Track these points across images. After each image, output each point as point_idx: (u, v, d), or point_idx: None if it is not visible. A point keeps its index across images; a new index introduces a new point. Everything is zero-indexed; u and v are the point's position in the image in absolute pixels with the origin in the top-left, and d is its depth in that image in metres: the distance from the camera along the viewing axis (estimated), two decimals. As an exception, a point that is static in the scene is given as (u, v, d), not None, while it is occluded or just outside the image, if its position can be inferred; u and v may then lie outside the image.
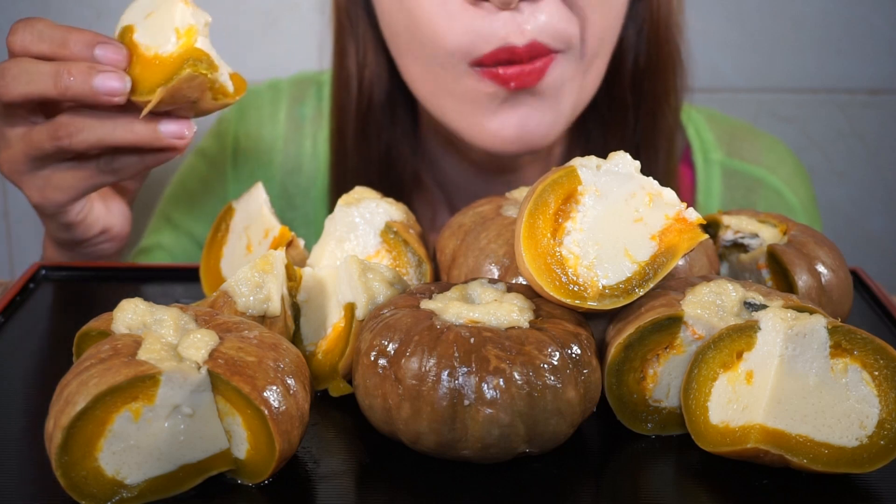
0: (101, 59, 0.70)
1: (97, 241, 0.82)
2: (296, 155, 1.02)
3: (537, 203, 0.57)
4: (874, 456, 0.53)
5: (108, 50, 0.70)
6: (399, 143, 0.95)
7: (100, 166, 0.74)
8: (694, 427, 0.56)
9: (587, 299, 0.57)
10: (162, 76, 0.70)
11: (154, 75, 0.70)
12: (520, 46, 0.79)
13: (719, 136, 1.04)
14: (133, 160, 0.74)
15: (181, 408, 0.51)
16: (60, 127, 0.72)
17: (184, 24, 0.70)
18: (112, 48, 0.70)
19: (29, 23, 0.72)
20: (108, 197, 0.82)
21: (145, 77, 0.71)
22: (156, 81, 0.70)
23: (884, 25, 1.53)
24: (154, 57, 0.71)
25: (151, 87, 0.70)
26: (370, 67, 0.91)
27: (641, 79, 0.93)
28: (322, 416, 0.60)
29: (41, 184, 0.75)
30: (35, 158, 0.74)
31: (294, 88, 1.05)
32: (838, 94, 1.56)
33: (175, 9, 0.71)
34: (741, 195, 1.02)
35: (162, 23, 0.71)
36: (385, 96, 0.92)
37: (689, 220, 0.58)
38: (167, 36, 0.71)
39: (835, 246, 0.68)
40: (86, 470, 0.50)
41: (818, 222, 1.06)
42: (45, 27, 0.72)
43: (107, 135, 0.72)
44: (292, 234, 0.72)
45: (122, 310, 0.56)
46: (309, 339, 0.64)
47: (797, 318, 0.54)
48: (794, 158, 1.07)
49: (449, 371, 0.52)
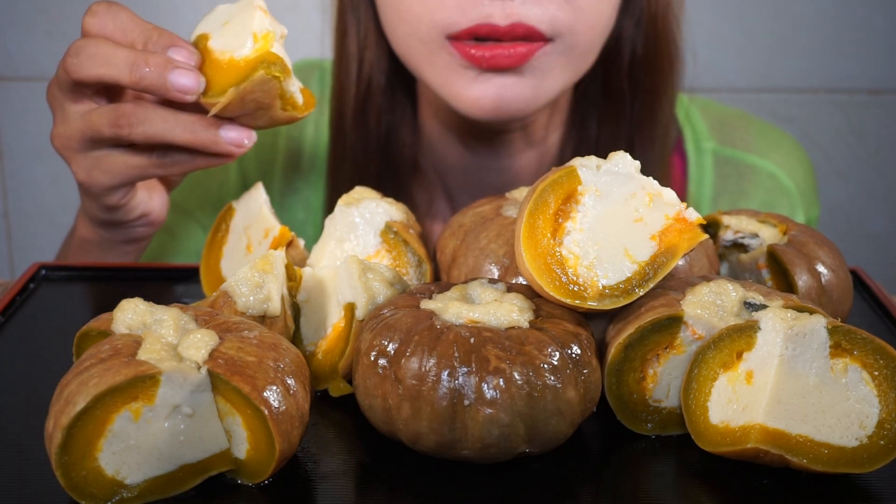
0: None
1: (134, 225, 0.82)
2: (297, 138, 1.02)
3: (537, 203, 0.57)
4: (874, 456, 0.53)
5: (180, 53, 0.71)
6: (398, 126, 0.96)
7: (151, 159, 0.75)
8: (694, 427, 0.56)
9: (587, 299, 0.57)
10: (235, 78, 0.70)
11: (227, 77, 0.70)
12: (501, 25, 0.79)
13: (712, 124, 1.04)
14: (185, 159, 0.74)
15: (181, 408, 0.51)
16: (123, 115, 0.72)
17: (261, 30, 0.71)
18: (185, 51, 0.71)
19: (112, 9, 0.73)
20: (151, 185, 0.82)
21: (217, 79, 0.71)
22: (228, 83, 0.70)
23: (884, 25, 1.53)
24: (228, 60, 0.71)
25: (223, 88, 0.70)
26: (370, 50, 0.92)
27: (638, 70, 0.93)
28: (322, 416, 0.60)
29: (90, 164, 0.75)
30: (90, 139, 0.74)
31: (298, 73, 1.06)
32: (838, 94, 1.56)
33: (254, 15, 0.71)
34: (734, 183, 1.02)
35: (239, 28, 0.72)
36: (385, 80, 0.93)
37: (689, 220, 0.58)
38: (243, 40, 0.71)
39: (835, 246, 0.68)
40: (86, 470, 0.50)
41: (817, 206, 1.06)
42: (129, 19, 0.73)
43: (167, 131, 0.72)
44: (292, 234, 0.72)
45: (122, 310, 0.56)
46: (309, 339, 0.64)
47: (797, 318, 0.54)
48: (790, 141, 1.06)
49: (449, 371, 0.52)
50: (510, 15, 0.79)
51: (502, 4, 0.79)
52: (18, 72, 1.50)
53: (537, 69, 0.82)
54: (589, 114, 0.96)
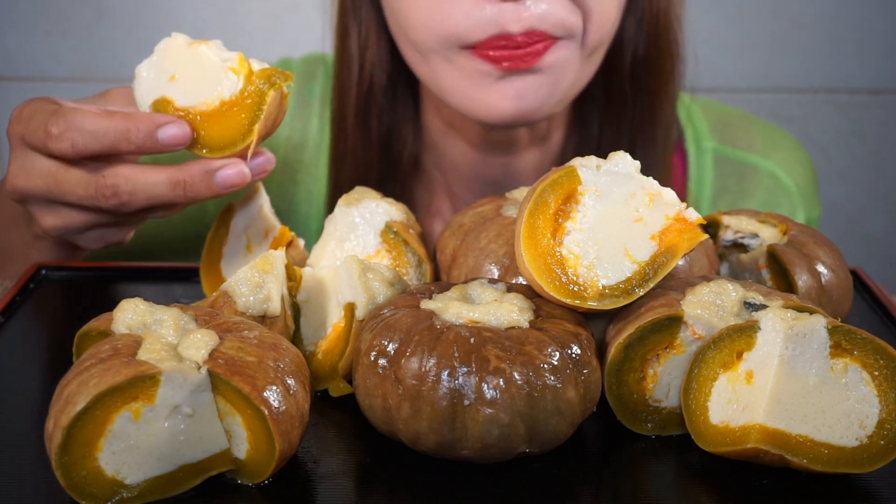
0: (168, 142, 0.67)
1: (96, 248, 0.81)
2: (302, 130, 1.03)
3: (537, 203, 0.57)
4: (874, 456, 0.53)
5: (169, 130, 0.67)
6: (399, 125, 0.96)
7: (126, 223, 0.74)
8: (694, 427, 0.56)
9: (587, 299, 0.57)
10: (248, 115, 0.67)
11: (236, 119, 0.67)
12: (516, 34, 0.79)
13: (712, 124, 1.04)
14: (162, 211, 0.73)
15: (181, 408, 0.51)
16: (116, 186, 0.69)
17: (228, 58, 0.67)
18: (174, 125, 0.67)
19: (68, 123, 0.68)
20: None
21: (226, 127, 0.67)
22: (242, 124, 0.67)
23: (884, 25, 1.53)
24: (221, 105, 0.67)
25: (239, 132, 0.67)
26: (371, 49, 0.92)
27: (640, 70, 0.94)
28: (322, 416, 0.60)
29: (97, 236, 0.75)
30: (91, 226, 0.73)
31: (304, 66, 1.07)
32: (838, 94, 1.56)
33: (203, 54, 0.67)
34: (734, 182, 1.02)
35: (198, 74, 0.67)
36: (386, 79, 0.93)
37: (689, 220, 0.58)
38: (218, 79, 0.67)
39: (835, 246, 0.68)
40: (86, 470, 0.50)
41: (817, 205, 1.06)
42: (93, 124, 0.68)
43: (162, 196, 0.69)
44: (292, 234, 0.72)
45: (122, 310, 0.56)
46: (309, 339, 0.64)
47: (797, 318, 0.54)
48: (791, 141, 1.06)
49: (449, 371, 0.52)
50: (523, 20, 0.79)
51: (514, 9, 0.79)
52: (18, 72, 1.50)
53: (554, 66, 0.83)
54: (591, 113, 0.96)
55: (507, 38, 0.80)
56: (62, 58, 1.49)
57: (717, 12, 1.48)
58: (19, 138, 0.71)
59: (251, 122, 0.66)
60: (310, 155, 1.02)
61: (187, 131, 0.67)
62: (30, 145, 0.71)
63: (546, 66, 0.82)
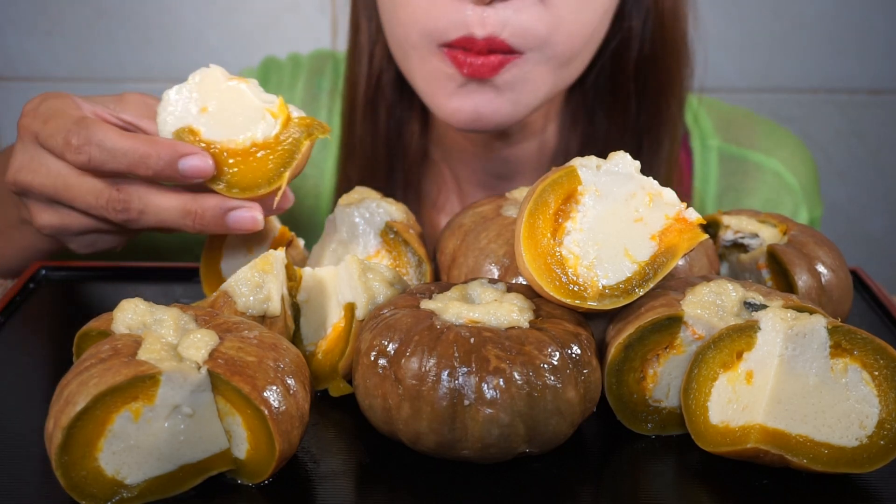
0: (188, 173, 0.66)
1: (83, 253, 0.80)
2: None
3: (537, 203, 0.57)
4: (874, 456, 0.53)
5: (191, 161, 0.65)
6: (408, 118, 0.97)
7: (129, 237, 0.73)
8: (694, 427, 0.56)
9: (587, 299, 0.57)
10: (279, 161, 0.65)
11: (264, 163, 0.66)
12: (479, 39, 0.79)
13: (717, 122, 1.04)
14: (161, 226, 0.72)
15: (181, 408, 0.51)
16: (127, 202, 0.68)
17: (269, 102, 0.66)
18: (196, 156, 0.66)
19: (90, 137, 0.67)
20: None
21: (253, 169, 0.66)
22: (271, 169, 0.65)
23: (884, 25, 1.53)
24: (252, 146, 0.66)
25: (265, 177, 0.66)
26: (381, 44, 0.93)
27: (645, 69, 0.93)
28: (322, 416, 0.60)
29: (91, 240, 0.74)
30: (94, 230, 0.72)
31: (313, 62, 1.08)
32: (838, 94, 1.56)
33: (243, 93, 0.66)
34: (738, 180, 1.02)
35: (233, 110, 0.66)
36: (395, 73, 0.94)
37: (689, 220, 0.58)
38: (254, 120, 0.66)
39: (835, 246, 0.68)
40: (86, 470, 0.50)
41: (819, 204, 1.07)
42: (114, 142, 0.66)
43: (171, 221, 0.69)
44: (292, 235, 0.72)
45: (122, 310, 0.56)
46: (309, 339, 0.64)
47: (797, 318, 0.54)
48: (794, 140, 1.07)
49: (449, 371, 0.52)
50: (486, 26, 0.79)
51: (481, 14, 0.79)
52: (18, 72, 1.50)
53: (514, 83, 0.83)
54: (596, 111, 0.96)
55: (470, 41, 0.80)
56: (62, 58, 1.49)
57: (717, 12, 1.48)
58: (32, 134, 0.70)
59: (282, 167, 0.65)
60: (316, 149, 1.02)
61: (209, 165, 0.65)
62: (43, 145, 0.69)
63: (504, 83, 0.82)
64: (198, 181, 0.66)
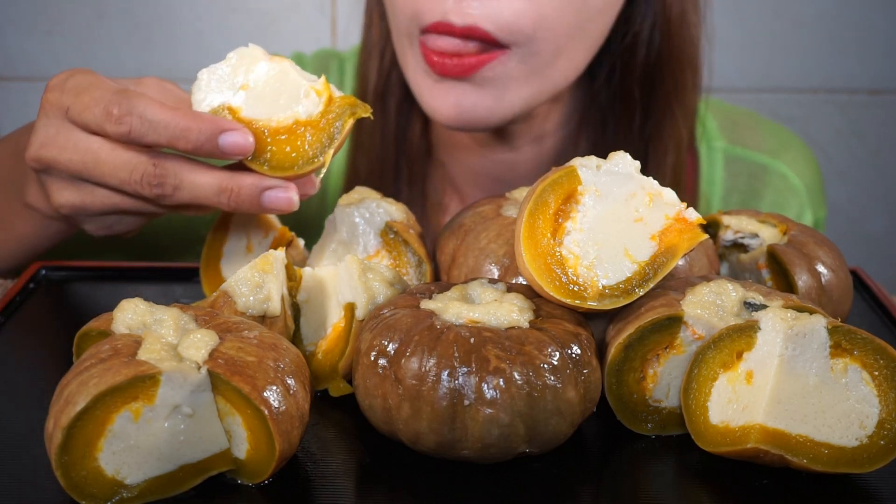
0: (228, 149, 0.64)
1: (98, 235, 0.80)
2: None
3: (537, 203, 0.57)
4: (874, 456, 0.53)
5: (232, 137, 0.64)
6: (415, 117, 0.97)
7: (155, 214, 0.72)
8: (694, 427, 0.56)
9: (587, 299, 0.57)
10: (320, 139, 0.64)
11: (305, 141, 0.65)
12: (457, 26, 0.79)
13: (722, 124, 1.04)
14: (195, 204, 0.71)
15: (181, 408, 0.51)
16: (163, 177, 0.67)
17: (311, 79, 0.66)
18: (237, 132, 0.64)
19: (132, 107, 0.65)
20: None
21: (294, 147, 0.65)
22: (312, 148, 0.64)
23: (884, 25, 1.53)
24: (295, 124, 0.65)
25: (306, 155, 0.65)
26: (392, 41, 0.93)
27: (652, 75, 0.93)
28: (322, 416, 0.60)
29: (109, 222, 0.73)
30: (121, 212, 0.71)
31: (317, 61, 1.08)
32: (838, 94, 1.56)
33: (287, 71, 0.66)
34: (744, 182, 1.02)
35: (276, 89, 0.66)
36: None
37: (689, 220, 0.58)
38: (298, 98, 0.65)
39: (835, 246, 0.68)
40: (86, 470, 0.50)
41: (823, 206, 1.06)
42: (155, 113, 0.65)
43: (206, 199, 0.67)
44: (292, 235, 0.72)
45: (122, 310, 0.56)
46: (309, 339, 0.64)
47: (797, 318, 0.54)
48: (798, 142, 1.06)
49: (449, 371, 0.52)
50: (466, 15, 0.79)
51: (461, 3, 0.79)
52: (18, 72, 1.50)
53: (495, 80, 0.82)
54: (602, 117, 0.95)
55: (448, 27, 0.79)
56: (62, 58, 1.49)
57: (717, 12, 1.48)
58: (61, 109, 0.68)
59: (324, 146, 0.65)
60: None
61: (250, 142, 0.64)
62: (75, 119, 0.67)
63: (484, 79, 0.82)
64: (237, 158, 0.65)
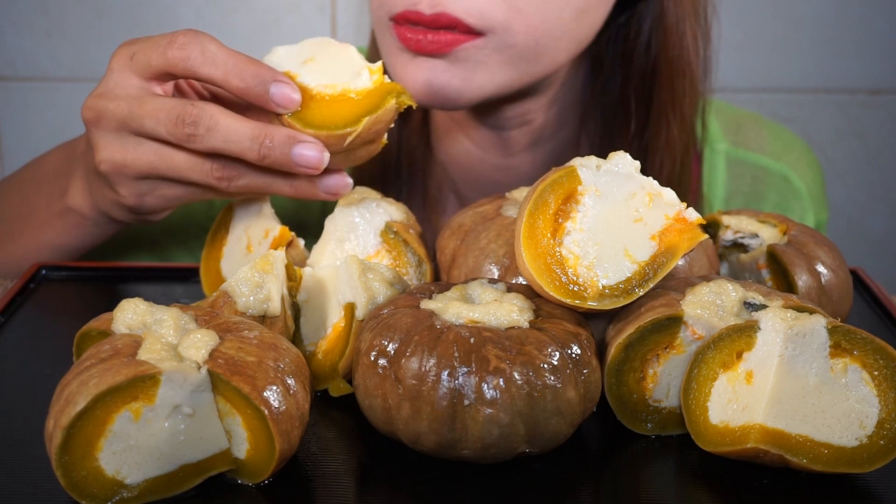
0: (275, 98, 0.67)
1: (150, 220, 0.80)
2: None
3: (537, 203, 0.57)
4: (874, 456, 0.53)
5: (283, 88, 0.67)
6: (414, 114, 0.97)
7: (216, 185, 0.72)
8: (694, 427, 0.56)
9: (587, 299, 0.57)
10: (359, 109, 0.67)
11: (346, 109, 0.67)
12: (426, 14, 0.79)
13: (725, 125, 1.03)
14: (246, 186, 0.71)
15: (181, 408, 0.51)
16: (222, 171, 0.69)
17: (370, 63, 0.69)
18: (288, 86, 0.67)
19: (197, 39, 0.68)
20: None
21: (335, 112, 0.68)
22: (352, 114, 0.67)
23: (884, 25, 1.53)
24: (343, 94, 0.68)
25: (344, 119, 0.67)
26: None
27: (649, 85, 0.92)
28: (322, 416, 0.60)
29: (144, 189, 0.73)
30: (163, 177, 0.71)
31: None
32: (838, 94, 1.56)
33: (350, 51, 0.69)
34: (746, 184, 1.02)
35: (335, 64, 0.69)
36: None
37: (689, 220, 0.58)
38: (352, 73, 0.68)
39: (835, 246, 0.68)
40: (86, 470, 0.50)
41: (825, 208, 1.06)
42: (217, 49, 0.68)
43: (266, 184, 0.70)
44: (292, 234, 0.72)
45: (122, 310, 0.56)
46: (309, 339, 0.64)
47: (797, 318, 0.54)
48: (801, 144, 1.06)
49: (449, 371, 0.52)
50: (435, 5, 0.79)
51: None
52: (18, 72, 1.50)
53: (467, 60, 0.82)
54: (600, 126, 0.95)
55: (417, 15, 0.80)
56: (62, 58, 1.49)
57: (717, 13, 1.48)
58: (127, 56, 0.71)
59: (362, 114, 0.67)
60: None
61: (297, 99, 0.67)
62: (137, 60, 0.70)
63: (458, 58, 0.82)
64: (282, 111, 0.67)
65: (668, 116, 0.93)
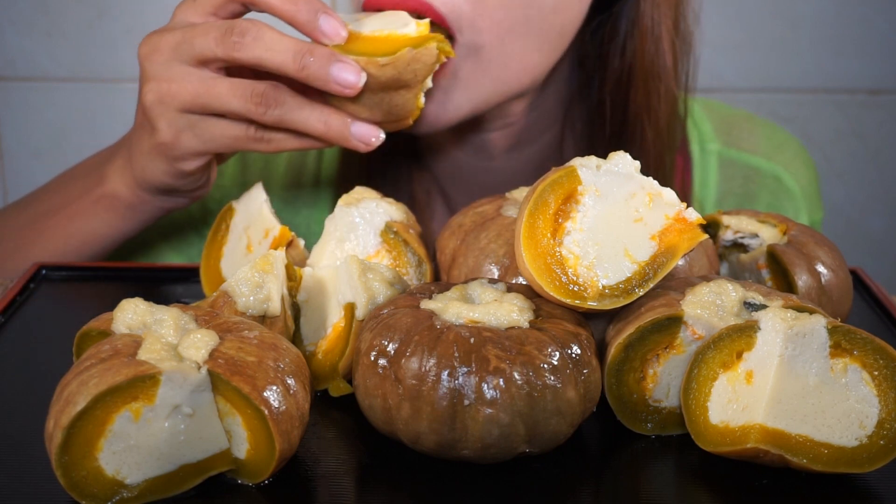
0: (323, 28, 0.71)
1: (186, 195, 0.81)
2: None
3: (537, 203, 0.57)
4: (874, 456, 0.53)
5: (331, 22, 0.71)
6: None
7: (252, 132, 0.74)
8: (694, 427, 0.56)
9: (587, 299, 0.57)
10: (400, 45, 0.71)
11: (388, 45, 0.71)
12: None
13: (717, 125, 1.03)
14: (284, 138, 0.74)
15: (181, 408, 0.51)
16: (261, 97, 0.72)
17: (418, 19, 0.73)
18: (337, 21, 0.71)
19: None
20: None
21: (377, 46, 0.71)
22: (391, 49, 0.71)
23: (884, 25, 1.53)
24: (389, 35, 0.72)
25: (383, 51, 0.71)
26: None
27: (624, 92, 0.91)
28: (322, 416, 0.60)
29: (182, 125, 0.74)
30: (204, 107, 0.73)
31: None
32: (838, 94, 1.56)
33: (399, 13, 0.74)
34: (738, 185, 1.01)
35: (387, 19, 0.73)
36: None
37: (689, 220, 0.58)
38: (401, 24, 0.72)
39: (835, 246, 0.68)
40: (86, 470, 0.50)
41: (820, 208, 1.06)
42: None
43: (301, 119, 0.72)
44: (292, 234, 0.72)
45: (122, 310, 0.56)
46: (309, 339, 0.64)
47: (797, 318, 0.54)
48: (795, 143, 1.05)
49: (449, 371, 0.52)
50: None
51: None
52: (18, 72, 1.50)
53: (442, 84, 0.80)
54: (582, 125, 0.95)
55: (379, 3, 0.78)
56: (62, 58, 1.49)
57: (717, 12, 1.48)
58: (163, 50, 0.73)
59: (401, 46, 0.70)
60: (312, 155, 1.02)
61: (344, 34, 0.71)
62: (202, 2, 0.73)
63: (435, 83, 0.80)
64: (326, 42, 0.71)
65: (642, 120, 0.92)
